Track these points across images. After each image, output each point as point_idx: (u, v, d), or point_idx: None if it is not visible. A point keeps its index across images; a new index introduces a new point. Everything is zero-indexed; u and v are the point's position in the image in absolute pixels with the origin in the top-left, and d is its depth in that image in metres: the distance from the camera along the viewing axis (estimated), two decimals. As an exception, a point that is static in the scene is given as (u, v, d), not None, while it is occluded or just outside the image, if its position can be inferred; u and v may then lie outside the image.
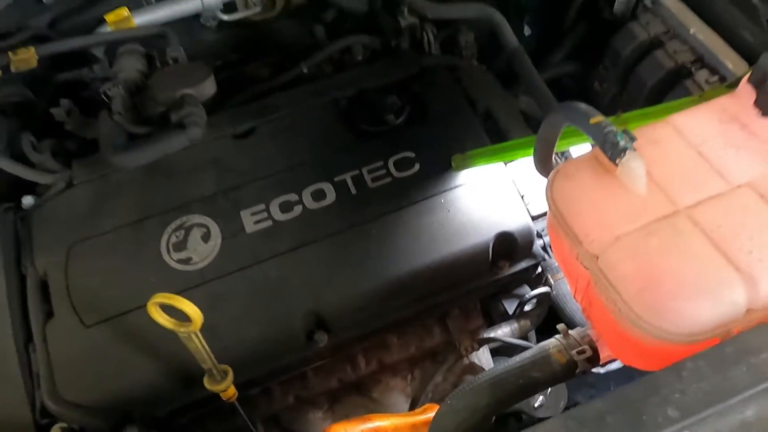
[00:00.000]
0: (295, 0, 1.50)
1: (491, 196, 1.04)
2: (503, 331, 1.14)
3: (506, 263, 1.05)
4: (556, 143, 0.85)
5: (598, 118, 0.75)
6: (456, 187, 1.04)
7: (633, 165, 0.70)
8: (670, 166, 0.73)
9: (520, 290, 1.13)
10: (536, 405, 1.06)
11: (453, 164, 1.05)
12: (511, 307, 1.11)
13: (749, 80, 0.76)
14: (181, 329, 0.74)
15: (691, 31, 1.10)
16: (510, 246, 1.03)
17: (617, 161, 0.71)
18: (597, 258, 0.70)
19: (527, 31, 1.63)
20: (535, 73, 1.10)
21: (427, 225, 1.01)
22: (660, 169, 0.73)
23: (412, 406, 1.15)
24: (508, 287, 1.12)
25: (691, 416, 0.57)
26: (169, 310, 0.76)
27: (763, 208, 0.69)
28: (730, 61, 1.04)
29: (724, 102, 0.79)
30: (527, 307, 1.10)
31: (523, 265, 1.07)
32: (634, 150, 0.70)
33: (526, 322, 1.15)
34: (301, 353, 1.00)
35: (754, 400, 0.58)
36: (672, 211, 0.70)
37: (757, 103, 0.74)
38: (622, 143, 0.71)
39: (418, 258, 0.99)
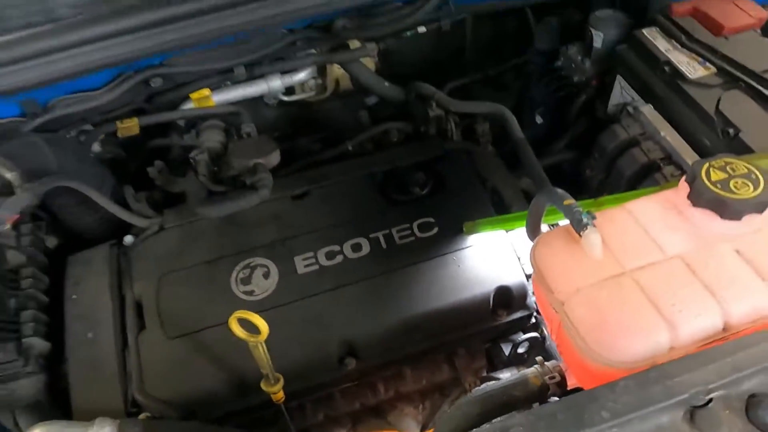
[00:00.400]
0: (343, 87, 1.83)
1: (494, 256, 1.29)
2: (504, 375, 1.36)
3: (504, 312, 1.28)
4: (543, 217, 1.11)
5: (569, 201, 1.01)
6: (466, 247, 1.29)
7: (592, 237, 0.95)
8: (621, 239, 0.98)
9: (516, 336, 1.36)
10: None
11: (464, 229, 1.30)
12: (508, 349, 1.34)
13: (686, 179, 1.01)
14: (252, 339, 0.99)
15: (662, 134, 1.36)
16: (507, 298, 1.27)
17: (581, 234, 0.96)
18: (563, 304, 0.94)
19: (539, 119, 1.92)
20: (534, 160, 1.36)
21: (441, 276, 1.26)
22: (614, 240, 0.97)
23: (422, 432, 1.37)
24: (505, 333, 1.35)
25: (619, 418, 0.79)
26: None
27: (687, 273, 0.92)
28: (691, 160, 1.30)
29: (668, 194, 1.04)
30: (521, 350, 1.32)
31: (519, 314, 1.30)
32: (594, 226, 0.96)
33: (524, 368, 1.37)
34: (333, 374, 1.23)
35: (668, 411, 0.80)
36: (620, 272, 0.94)
37: (689, 196, 0.99)
38: (585, 220, 0.96)
39: (432, 302, 1.23)
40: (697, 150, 1.32)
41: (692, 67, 1.38)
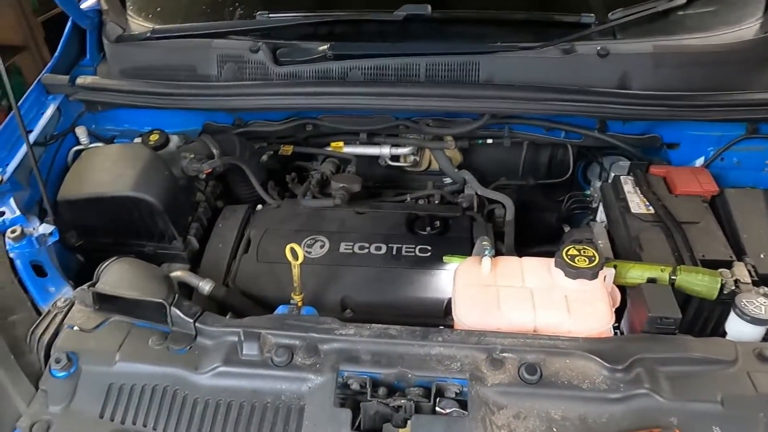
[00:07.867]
0: (431, 167, 2.67)
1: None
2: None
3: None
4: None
5: (487, 244, 1.72)
6: (441, 269, 2.00)
7: (485, 262, 1.64)
8: (504, 270, 1.65)
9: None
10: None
11: (444, 259, 2.01)
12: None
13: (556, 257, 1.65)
14: (294, 262, 1.80)
15: (599, 242, 1.98)
16: (456, 307, 1.94)
17: (482, 259, 1.66)
18: (456, 291, 1.63)
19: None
20: (511, 233, 2.07)
21: (418, 280, 1.97)
22: (499, 270, 1.65)
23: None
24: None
25: (448, 344, 1.48)
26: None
27: (528, 295, 1.57)
28: (608, 261, 1.90)
29: (551, 261, 1.68)
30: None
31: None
32: (488, 257, 1.65)
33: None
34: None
35: (476, 351, 1.47)
36: (492, 284, 1.61)
37: (554, 261, 1.64)
38: (486, 253, 1.66)
39: (407, 292, 1.94)
40: (614, 253, 1.92)
41: (638, 206, 1.99)
